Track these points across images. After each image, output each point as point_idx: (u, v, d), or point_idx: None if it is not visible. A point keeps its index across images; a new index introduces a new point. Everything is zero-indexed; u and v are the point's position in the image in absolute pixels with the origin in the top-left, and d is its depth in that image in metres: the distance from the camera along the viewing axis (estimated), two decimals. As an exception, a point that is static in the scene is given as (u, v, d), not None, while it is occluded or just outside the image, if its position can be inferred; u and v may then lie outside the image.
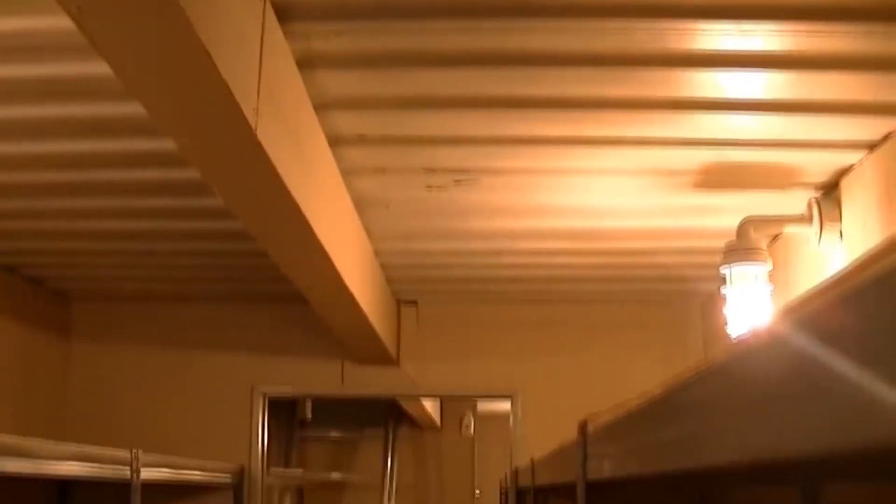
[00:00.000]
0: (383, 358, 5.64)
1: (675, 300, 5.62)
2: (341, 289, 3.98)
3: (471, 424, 9.58)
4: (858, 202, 3.42)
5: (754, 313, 3.59)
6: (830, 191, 3.65)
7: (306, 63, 2.79)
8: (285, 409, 9.01)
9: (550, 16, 2.57)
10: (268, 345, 5.79)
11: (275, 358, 5.78)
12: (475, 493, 9.46)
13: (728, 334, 3.71)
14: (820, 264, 3.67)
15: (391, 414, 9.06)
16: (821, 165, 3.49)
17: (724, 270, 3.70)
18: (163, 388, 5.76)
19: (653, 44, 2.68)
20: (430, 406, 8.65)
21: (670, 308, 5.66)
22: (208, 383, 5.75)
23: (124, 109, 3.00)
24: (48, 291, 5.64)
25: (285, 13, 2.53)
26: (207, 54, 1.96)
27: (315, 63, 2.81)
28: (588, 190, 3.84)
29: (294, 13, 2.54)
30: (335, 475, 9.19)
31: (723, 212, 3.94)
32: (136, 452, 3.58)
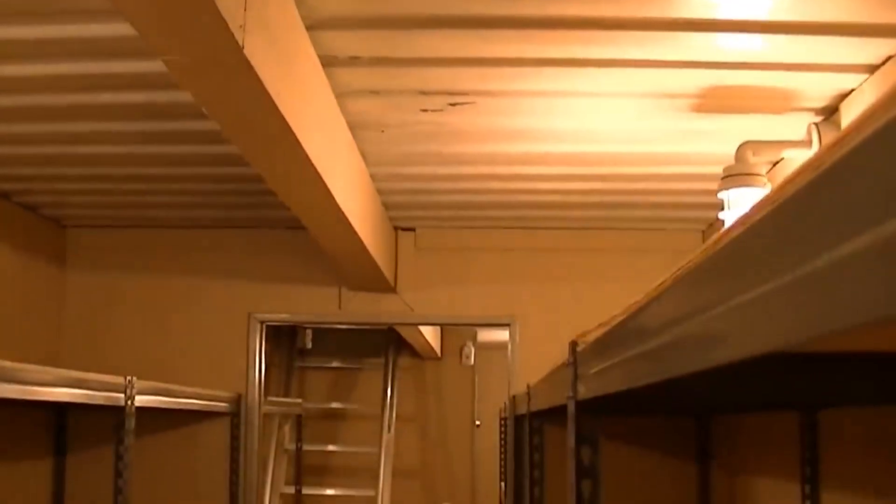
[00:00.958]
0: (381, 285, 5.63)
1: (674, 227, 5.59)
2: (337, 214, 3.95)
3: (471, 354, 9.59)
4: (859, 126, 3.37)
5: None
6: (830, 115, 3.61)
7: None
8: (286, 339, 9.05)
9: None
10: (265, 271, 5.77)
11: (272, 285, 5.77)
12: (475, 423, 9.52)
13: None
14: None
15: (391, 343, 9.08)
16: (821, 89, 3.44)
17: (723, 195, 3.66)
18: (159, 316, 5.75)
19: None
20: (431, 335, 8.66)
21: (669, 234, 5.63)
22: (205, 310, 5.74)
23: (117, 30, 2.96)
24: (43, 218, 5.61)
25: (273, -73, 2.47)
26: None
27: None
28: (585, 113, 3.79)
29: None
30: (335, 404, 9.24)
31: (721, 136, 3.90)
32: (131, 379, 3.61)
